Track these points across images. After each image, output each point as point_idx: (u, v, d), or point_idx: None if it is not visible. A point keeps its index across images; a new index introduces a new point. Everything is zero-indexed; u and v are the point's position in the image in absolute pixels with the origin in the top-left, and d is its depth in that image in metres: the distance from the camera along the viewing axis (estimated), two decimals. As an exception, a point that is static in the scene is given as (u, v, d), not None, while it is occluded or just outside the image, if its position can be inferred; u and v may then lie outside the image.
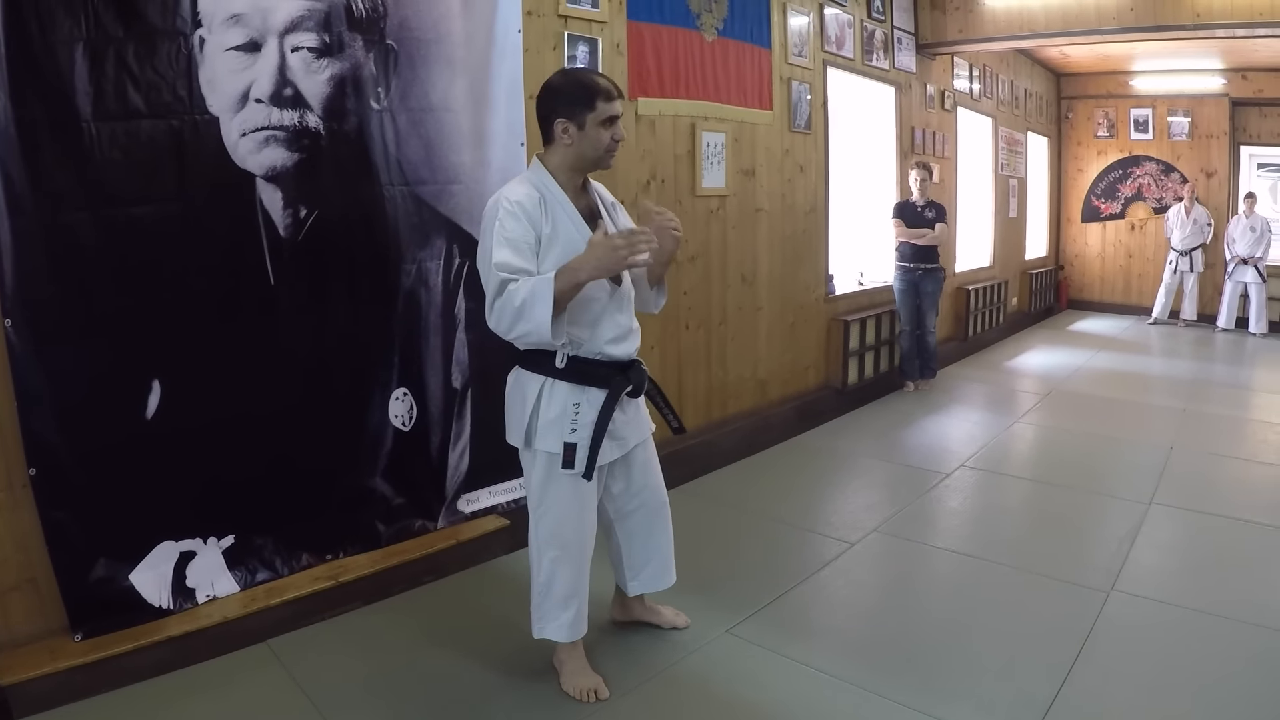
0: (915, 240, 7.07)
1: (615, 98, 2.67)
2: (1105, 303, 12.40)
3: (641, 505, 3.05)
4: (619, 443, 2.84)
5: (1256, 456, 5.53)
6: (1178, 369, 8.63)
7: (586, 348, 2.70)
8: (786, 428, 5.98)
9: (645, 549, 3.11)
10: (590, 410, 2.70)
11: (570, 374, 2.70)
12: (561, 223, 2.65)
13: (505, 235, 2.55)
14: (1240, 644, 3.17)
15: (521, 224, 2.57)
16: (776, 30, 5.66)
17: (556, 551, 2.81)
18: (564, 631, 2.86)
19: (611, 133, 2.67)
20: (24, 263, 2.71)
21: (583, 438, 2.68)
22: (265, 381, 3.29)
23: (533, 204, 2.62)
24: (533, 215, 2.60)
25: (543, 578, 2.84)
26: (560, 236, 2.63)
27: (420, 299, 3.71)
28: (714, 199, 5.24)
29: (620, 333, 2.76)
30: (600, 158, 2.71)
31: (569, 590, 2.84)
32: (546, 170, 2.71)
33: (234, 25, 3.07)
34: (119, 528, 2.98)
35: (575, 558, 2.83)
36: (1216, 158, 11.34)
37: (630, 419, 2.88)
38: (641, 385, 2.85)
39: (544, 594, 2.85)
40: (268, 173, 3.22)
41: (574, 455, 2.68)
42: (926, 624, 3.37)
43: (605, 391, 2.72)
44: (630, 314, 2.83)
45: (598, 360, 2.72)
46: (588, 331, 2.68)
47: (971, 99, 9.14)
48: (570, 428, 2.68)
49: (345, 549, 3.56)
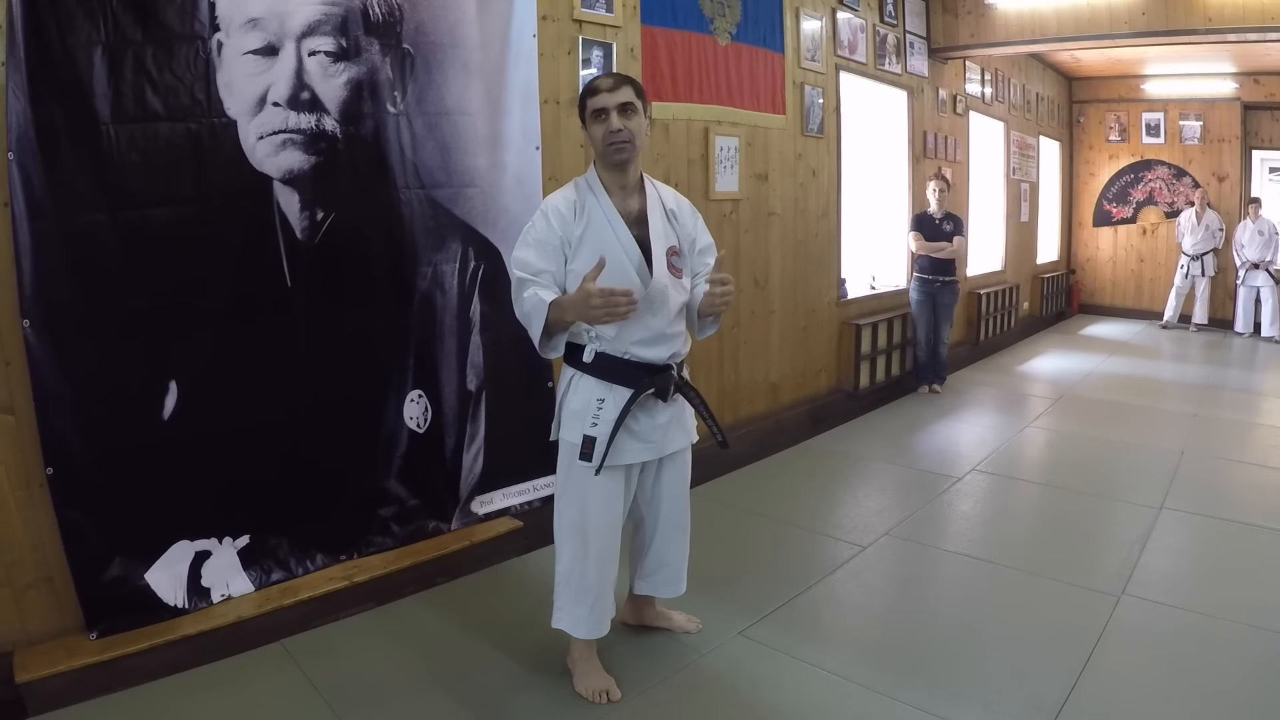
0: (934, 254, 7.08)
1: (602, 90, 2.67)
2: (1117, 307, 12.36)
3: (660, 516, 3.05)
4: (649, 446, 2.82)
5: (1268, 461, 5.50)
6: (1189, 374, 8.60)
7: (613, 345, 2.71)
8: (798, 431, 5.98)
9: (659, 557, 3.12)
10: (613, 408, 2.71)
11: (597, 369, 2.73)
12: (596, 223, 2.69)
13: (532, 235, 2.68)
14: (1251, 649, 3.16)
15: (550, 225, 2.67)
16: (789, 35, 5.67)
17: (575, 544, 2.82)
18: (579, 627, 2.87)
19: (605, 126, 2.66)
20: (43, 264, 2.73)
21: (602, 433, 2.70)
22: (281, 383, 3.31)
23: (567, 206, 2.70)
24: (565, 217, 2.68)
25: (562, 568, 2.87)
26: (591, 236, 2.67)
27: (436, 301, 3.73)
28: (727, 203, 5.25)
29: (650, 335, 2.73)
30: (605, 153, 2.70)
31: (586, 586, 2.84)
32: (595, 172, 2.77)
33: (252, 29, 3.10)
34: (135, 527, 3.00)
35: (596, 554, 2.82)
36: (1228, 162, 11.30)
37: (664, 425, 2.84)
38: (666, 390, 2.79)
39: (563, 585, 2.87)
40: (285, 176, 3.24)
41: (592, 448, 2.70)
42: (937, 627, 3.37)
43: (629, 391, 2.72)
44: (668, 319, 2.77)
45: (625, 359, 2.72)
46: (614, 329, 2.67)
47: (983, 103, 9.13)
48: (592, 421, 2.71)
49: (359, 550, 3.58)
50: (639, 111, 2.70)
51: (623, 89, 2.67)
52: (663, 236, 2.78)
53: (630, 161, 2.73)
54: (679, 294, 2.81)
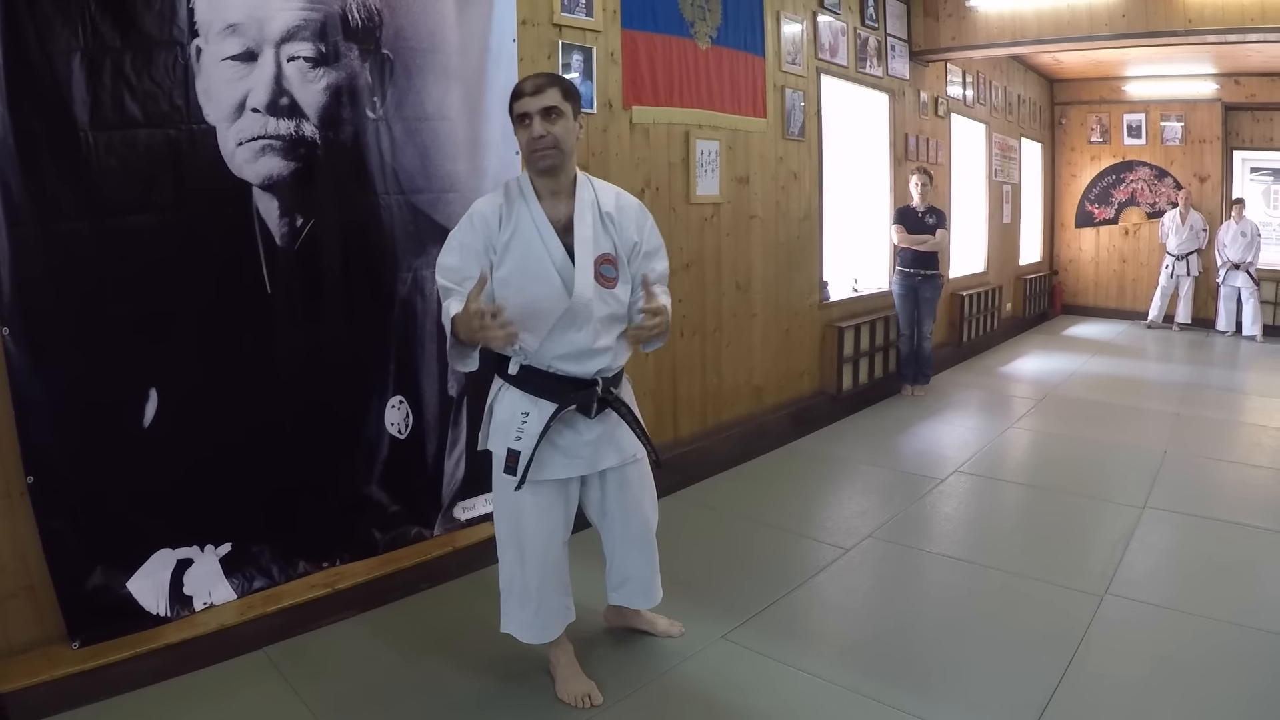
0: (916, 246, 7.11)
1: (525, 94, 2.59)
2: (1099, 308, 12.42)
3: (615, 531, 3.03)
4: (576, 462, 2.77)
5: (1250, 460, 5.55)
6: (1172, 373, 8.66)
7: (536, 358, 2.68)
8: (781, 434, 5.99)
9: (620, 571, 3.11)
10: (537, 422, 2.66)
11: (521, 382, 2.71)
12: (523, 230, 2.64)
13: (455, 239, 2.68)
14: (1233, 647, 3.19)
15: (473, 229, 2.65)
16: (770, 38, 5.68)
17: (513, 554, 2.83)
18: (525, 631, 2.89)
19: (528, 133, 2.59)
20: (22, 271, 2.72)
21: (526, 447, 2.65)
22: (261, 390, 3.30)
23: (492, 210, 2.65)
24: (489, 222, 2.64)
25: (505, 576, 2.89)
26: (517, 244, 2.63)
27: (416, 307, 3.72)
28: (708, 206, 5.25)
29: (574, 350, 2.66)
30: (528, 159, 2.65)
31: (527, 594, 2.85)
32: (529, 178, 2.72)
33: (230, 35, 3.08)
34: (116, 535, 2.99)
35: (534, 564, 2.81)
36: (1209, 162, 11.38)
37: (592, 441, 2.78)
38: (589, 407, 2.73)
39: (506, 591, 2.90)
40: (264, 182, 3.23)
41: (516, 462, 2.66)
42: (921, 629, 3.39)
43: (553, 405, 2.67)
44: (593, 334, 2.67)
45: (549, 373, 2.68)
46: (536, 342, 2.64)
47: (965, 105, 9.17)
48: (516, 435, 2.68)
49: (342, 556, 3.57)
50: (566, 115, 2.62)
51: (548, 92, 2.59)
52: (591, 244, 2.68)
53: (558, 167, 2.65)
54: (608, 305, 2.71)
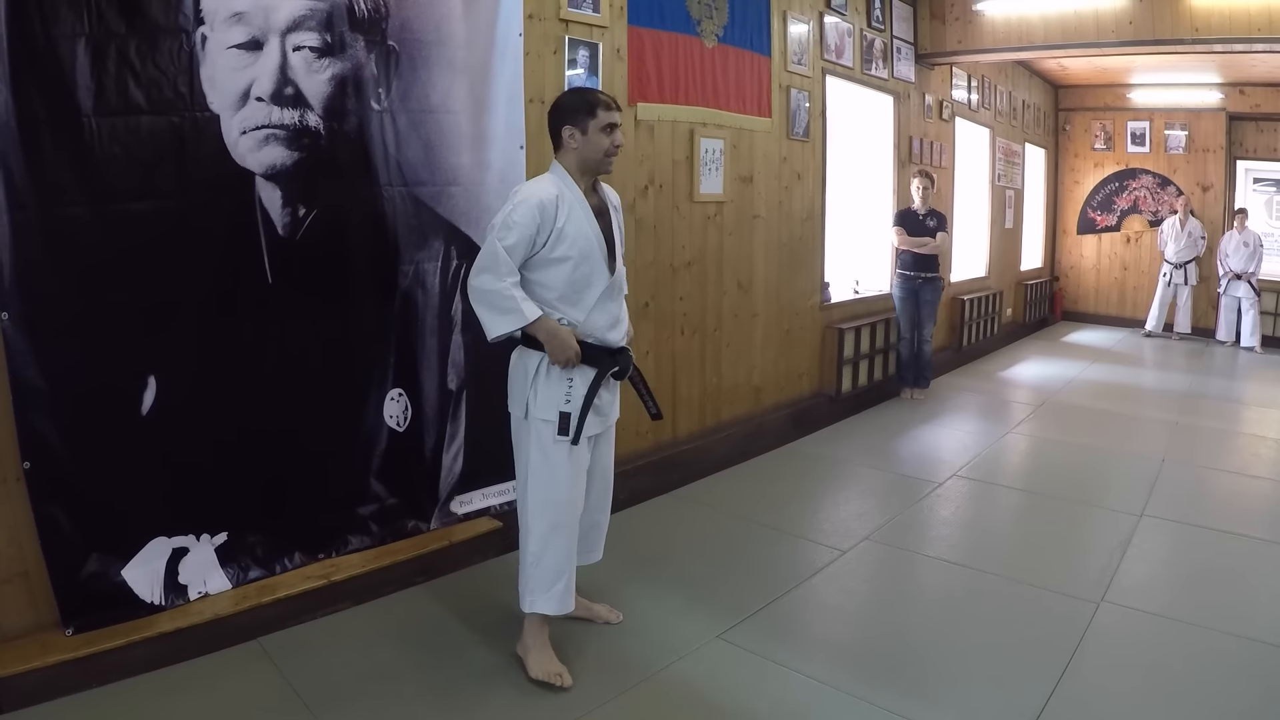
0: (917, 249, 7.11)
1: (614, 109, 2.96)
2: (1100, 315, 12.42)
3: (595, 479, 3.20)
4: (602, 419, 3.10)
5: (1247, 470, 5.55)
6: (1171, 382, 8.66)
7: (582, 330, 2.94)
8: (780, 434, 5.99)
9: (590, 516, 3.23)
10: (581, 386, 2.94)
11: None
12: (576, 216, 2.90)
13: (515, 218, 2.83)
14: (1228, 656, 3.19)
15: (535, 216, 2.83)
16: (776, 38, 5.68)
17: (552, 520, 2.96)
18: (554, 603, 2.99)
19: (611, 139, 2.94)
20: (22, 257, 2.71)
21: (575, 408, 2.92)
22: (260, 379, 3.29)
23: (550, 200, 2.87)
24: (547, 209, 2.85)
25: (534, 547, 2.98)
26: (571, 228, 2.88)
27: (417, 300, 3.71)
28: (711, 205, 5.24)
29: (611, 320, 3.03)
30: (600, 161, 2.97)
31: (560, 561, 2.99)
32: (565, 170, 2.96)
33: (236, 23, 3.07)
34: (112, 523, 2.98)
35: (568, 527, 3.01)
36: (1213, 171, 11.37)
37: (611, 400, 3.15)
38: (627, 369, 3.10)
39: (535, 564, 2.98)
40: (267, 171, 3.22)
41: (569, 423, 2.91)
42: (916, 632, 3.39)
43: (594, 370, 2.95)
44: (621, 304, 3.10)
45: (591, 343, 2.95)
46: (583, 315, 2.94)
47: (969, 109, 9.16)
48: (565, 399, 2.92)
49: (337, 548, 3.56)
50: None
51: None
52: (619, 230, 3.11)
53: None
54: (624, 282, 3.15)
